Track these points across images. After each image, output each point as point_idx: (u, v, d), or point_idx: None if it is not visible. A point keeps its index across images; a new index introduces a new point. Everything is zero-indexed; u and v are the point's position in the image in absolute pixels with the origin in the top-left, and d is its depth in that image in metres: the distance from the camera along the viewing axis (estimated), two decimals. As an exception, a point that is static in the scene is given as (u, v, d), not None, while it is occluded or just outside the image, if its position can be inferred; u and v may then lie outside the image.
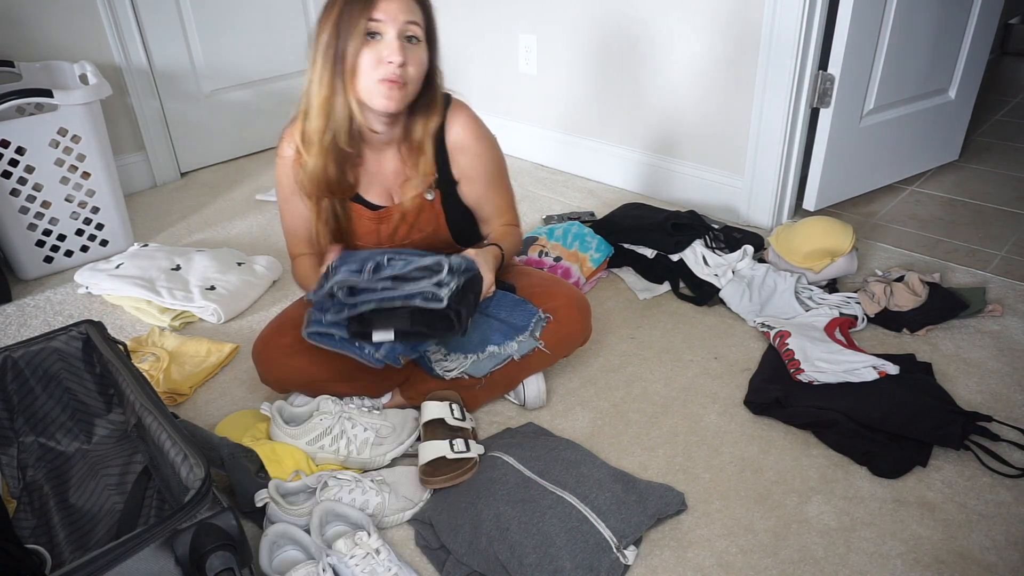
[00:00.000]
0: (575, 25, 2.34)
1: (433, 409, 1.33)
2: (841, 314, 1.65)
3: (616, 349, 1.65)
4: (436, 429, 1.31)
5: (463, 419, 1.35)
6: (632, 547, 1.14)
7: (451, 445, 1.27)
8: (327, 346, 1.24)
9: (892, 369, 1.45)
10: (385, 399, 1.45)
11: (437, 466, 1.25)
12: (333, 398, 1.37)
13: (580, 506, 1.16)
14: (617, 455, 1.35)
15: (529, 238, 1.93)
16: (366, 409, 1.38)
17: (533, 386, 1.43)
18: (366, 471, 1.32)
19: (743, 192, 2.13)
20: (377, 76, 1.21)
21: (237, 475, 1.23)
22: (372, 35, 1.20)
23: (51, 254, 2.02)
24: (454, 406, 1.35)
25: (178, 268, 1.89)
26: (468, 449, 1.28)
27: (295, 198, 1.38)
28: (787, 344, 1.53)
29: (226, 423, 1.43)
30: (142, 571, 0.87)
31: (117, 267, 1.91)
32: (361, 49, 1.20)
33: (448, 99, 1.36)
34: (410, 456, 1.35)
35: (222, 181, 2.63)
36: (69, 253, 2.05)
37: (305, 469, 1.30)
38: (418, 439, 1.34)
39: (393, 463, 1.34)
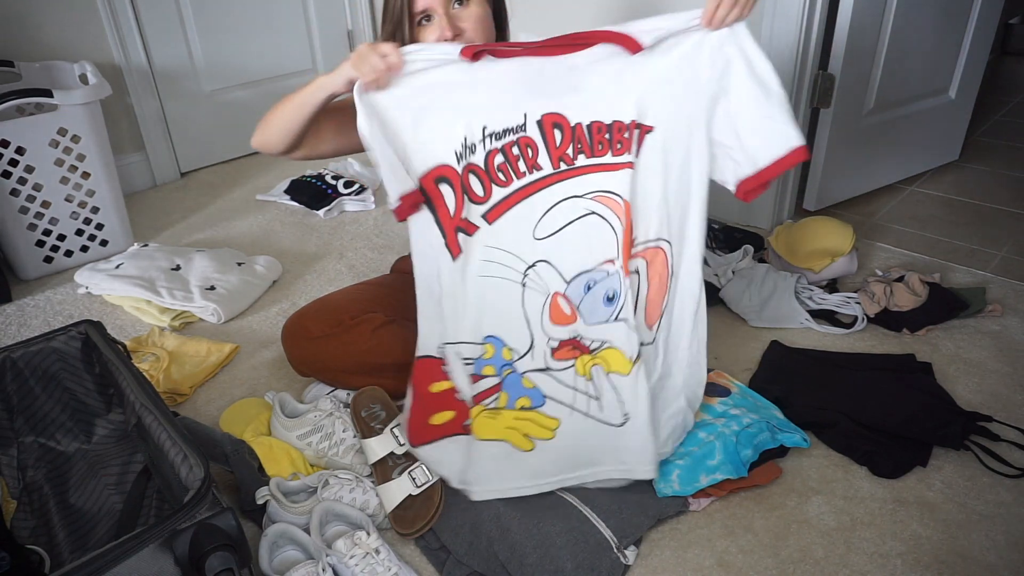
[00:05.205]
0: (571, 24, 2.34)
1: (376, 449, 1.26)
2: (841, 314, 1.65)
3: (616, 349, 1.64)
4: (387, 468, 1.23)
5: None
6: (632, 547, 1.14)
7: (412, 479, 1.20)
8: None
9: None
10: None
11: (407, 507, 1.19)
12: (332, 398, 1.37)
13: (580, 506, 1.16)
14: (617, 455, 1.35)
15: None
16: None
17: None
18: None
19: (743, 192, 2.13)
20: None
21: (241, 471, 1.24)
22: (425, 20, 1.22)
23: (51, 254, 2.02)
24: (395, 430, 1.27)
25: (178, 268, 1.89)
26: (429, 475, 1.21)
27: None
28: None
29: (230, 412, 1.44)
30: (141, 571, 0.87)
31: (117, 267, 1.91)
32: (418, 36, 1.23)
33: None
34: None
35: (222, 181, 2.63)
36: (69, 253, 2.05)
37: (302, 470, 1.30)
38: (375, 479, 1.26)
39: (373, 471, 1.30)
